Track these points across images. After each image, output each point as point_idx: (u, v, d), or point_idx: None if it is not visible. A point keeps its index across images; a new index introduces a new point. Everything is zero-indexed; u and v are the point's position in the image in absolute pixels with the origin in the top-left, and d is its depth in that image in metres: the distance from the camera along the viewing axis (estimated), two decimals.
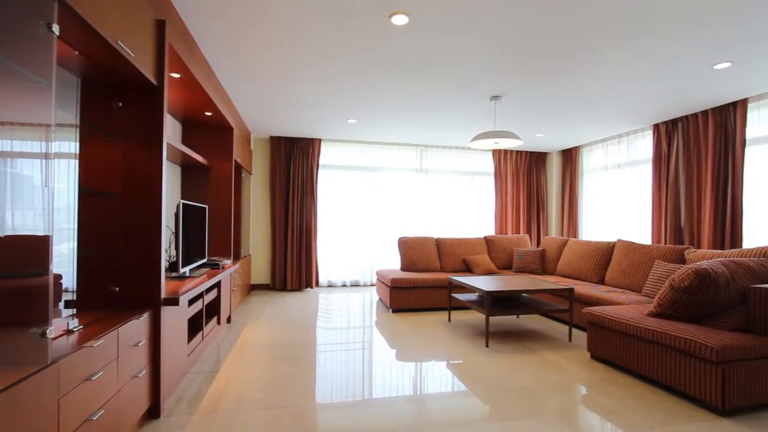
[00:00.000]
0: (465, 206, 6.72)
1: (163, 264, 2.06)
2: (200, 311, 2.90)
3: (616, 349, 2.73)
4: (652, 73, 3.34)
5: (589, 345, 2.98)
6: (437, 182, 6.59)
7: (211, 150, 3.90)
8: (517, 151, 6.82)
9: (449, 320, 4.14)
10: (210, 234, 3.91)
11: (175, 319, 2.27)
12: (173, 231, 3.26)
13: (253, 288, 5.98)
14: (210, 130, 3.89)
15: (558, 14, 2.43)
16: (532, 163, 6.88)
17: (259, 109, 4.53)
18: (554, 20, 2.50)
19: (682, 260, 3.47)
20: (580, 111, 4.48)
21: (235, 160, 4.23)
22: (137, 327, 1.83)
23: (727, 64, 3.14)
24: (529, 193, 6.86)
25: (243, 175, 4.85)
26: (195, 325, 2.92)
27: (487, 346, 3.28)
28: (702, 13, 2.40)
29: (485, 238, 5.56)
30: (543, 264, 5.16)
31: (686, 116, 4.53)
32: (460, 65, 3.23)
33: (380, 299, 5.16)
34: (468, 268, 5.16)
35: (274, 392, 2.36)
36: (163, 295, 2.04)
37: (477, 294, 4.01)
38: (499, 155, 6.76)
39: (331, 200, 6.24)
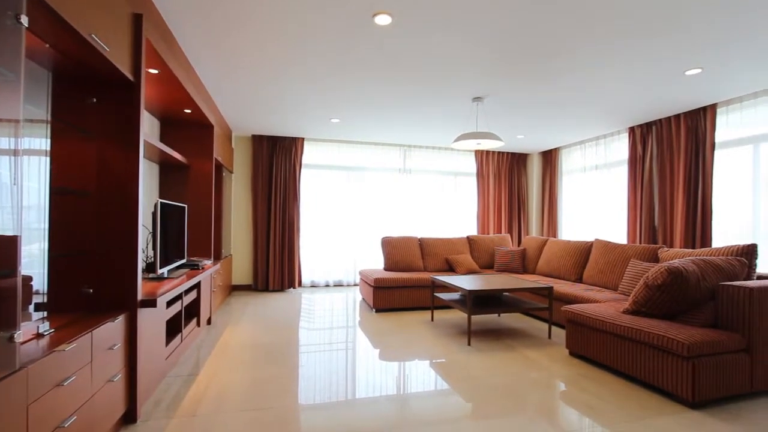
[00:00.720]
0: (448, 206, 6.78)
1: (140, 265, 2.00)
2: (179, 313, 2.83)
3: (594, 346, 2.80)
4: (628, 78, 3.44)
5: (567, 342, 3.05)
6: (420, 182, 6.63)
7: (190, 148, 3.81)
8: (499, 152, 6.92)
9: (432, 319, 4.17)
10: (189, 234, 3.83)
11: (152, 321, 2.21)
12: (151, 231, 3.18)
13: (235, 289, 5.88)
14: (190, 127, 3.81)
15: (538, 19, 2.48)
16: (514, 164, 6.99)
17: (241, 107, 4.46)
18: (535, 25, 2.55)
19: (656, 259, 3.58)
20: (559, 113, 4.58)
21: (216, 159, 4.15)
22: (112, 330, 1.77)
23: (698, 71, 3.26)
24: (511, 194, 6.97)
25: (224, 174, 4.76)
26: (174, 327, 2.85)
27: (469, 344, 3.32)
28: (674, 23, 2.48)
29: (468, 237, 5.62)
30: (524, 263, 5.25)
31: (660, 120, 4.69)
32: (443, 66, 3.25)
33: (363, 299, 5.15)
34: (451, 268, 5.21)
35: (256, 394, 2.33)
36: (139, 297, 1.99)
37: (459, 293, 4.05)
38: (482, 156, 6.84)
39: (314, 200, 6.20)
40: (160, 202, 2.58)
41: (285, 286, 5.84)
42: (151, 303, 2.00)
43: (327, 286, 6.23)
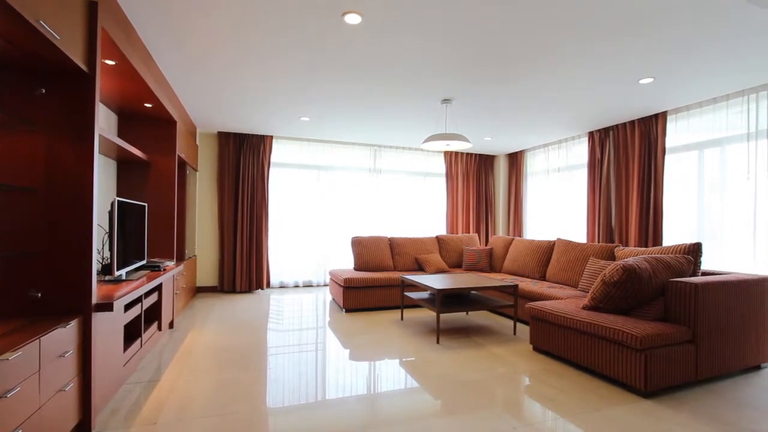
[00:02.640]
0: (418, 206, 6.85)
1: (95, 266, 1.90)
2: (138, 316, 2.70)
3: (556, 341, 2.92)
4: (587, 84, 3.61)
5: (531, 338, 3.16)
6: (391, 182, 6.66)
7: (151, 144, 3.65)
8: (468, 154, 7.07)
9: (402, 318, 4.20)
10: (150, 234, 3.66)
11: (108, 326, 2.10)
12: (107, 231, 3.01)
13: (199, 290, 5.68)
14: (151, 123, 3.64)
15: (503, 27, 2.55)
16: (481, 165, 7.16)
17: (206, 102, 4.30)
18: (500, 32, 2.63)
19: (613, 257, 3.78)
20: (524, 117, 4.74)
21: (179, 156, 3.99)
22: (64, 336, 1.67)
23: (650, 80, 3.47)
24: (479, 194, 7.14)
25: (188, 171, 4.58)
26: (132, 332, 2.72)
27: (438, 342, 3.37)
28: (628, 34, 2.63)
29: (437, 237, 5.71)
30: (491, 262, 5.39)
31: (616, 125, 4.95)
32: (413, 67, 3.28)
33: (333, 299, 5.12)
34: (420, 267, 5.27)
35: (222, 399, 2.26)
36: (94, 301, 1.88)
37: (429, 292, 4.10)
38: (451, 157, 6.96)
39: (283, 199, 6.09)
40: (118, 201, 2.45)
41: (253, 288, 5.70)
42: (107, 307, 1.90)
43: (296, 286, 6.14)
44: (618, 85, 3.63)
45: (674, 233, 4.37)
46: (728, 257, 3.89)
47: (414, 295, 3.95)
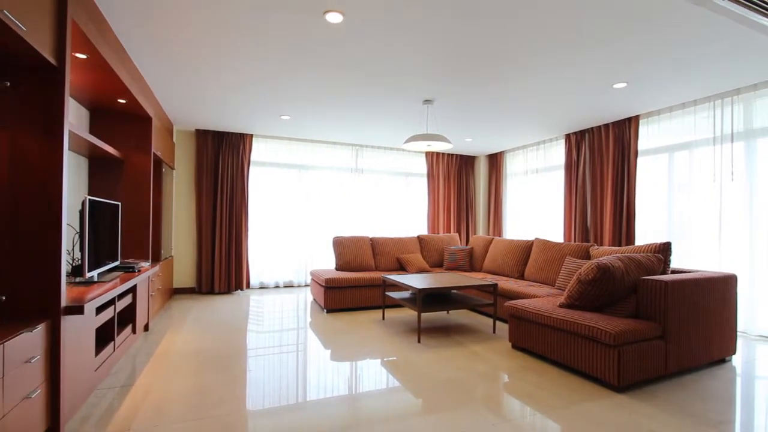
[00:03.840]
0: (399, 206, 6.87)
1: (64, 268, 1.82)
2: (111, 319, 2.61)
3: (534, 339, 2.98)
4: (564, 88, 3.70)
5: (510, 336, 3.22)
6: (372, 182, 6.66)
7: (125, 141, 3.54)
8: (449, 154, 7.14)
9: (383, 318, 4.21)
10: (124, 234, 3.55)
11: (79, 330, 2.02)
12: (78, 231, 2.90)
13: (176, 292, 5.54)
14: (125, 119, 3.53)
15: (484, 29, 2.59)
16: (462, 165, 7.25)
17: (183, 99, 4.20)
18: (481, 34, 2.66)
19: (588, 256, 3.89)
20: (504, 119, 4.82)
21: (155, 154, 3.88)
22: (30, 341, 1.60)
23: (623, 84, 3.59)
24: (459, 194, 7.22)
25: (164, 170, 4.46)
26: (105, 335, 2.63)
27: (419, 341, 3.39)
28: (601, 42, 2.71)
29: (418, 237, 5.74)
30: (471, 261, 5.46)
31: (592, 128, 5.10)
32: (395, 67, 3.29)
33: (314, 300, 5.08)
34: (402, 267, 5.29)
35: (199, 403, 2.21)
36: (63, 304, 1.81)
37: (410, 292, 4.12)
38: (432, 157, 7.02)
39: (263, 199, 6.00)
40: (89, 200, 2.37)
41: (232, 288, 5.60)
42: (77, 310, 1.83)
43: (277, 287, 6.07)
44: (593, 89, 3.74)
45: (646, 233, 4.53)
46: (696, 255, 4.06)
47: (395, 294, 3.96)
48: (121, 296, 2.84)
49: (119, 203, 3.13)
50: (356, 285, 4.56)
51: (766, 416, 2.12)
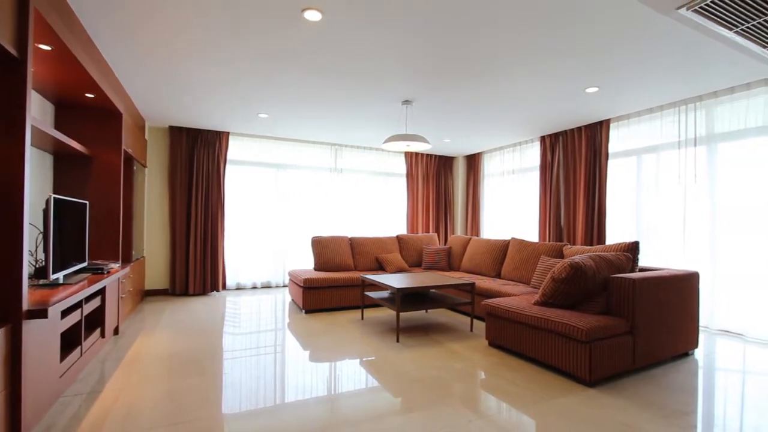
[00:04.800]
0: (378, 206, 6.88)
1: (26, 270, 1.74)
2: (78, 323, 2.51)
3: (510, 336, 3.05)
4: (540, 92, 3.80)
5: (487, 334, 3.28)
6: (352, 182, 6.64)
7: (94, 138, 3.40)
8: (428, 155, 7.20)
9: (362, 318, 4.21)
10: (93, 234, 3.41)
11: (43, 335, 1.93)
12: (41, 231, 2.77)
13: (149, 294, 5.36)
14: (93, 114, 3.39)
15: (462, 33, 2.63)
16: (441, 166, 7.32)
17: (156, 95, 4.06)
18: (459, 38, 2.70)
19: (562, 255, 4.00)
20: (482, 120, 4.90)
21: (125, 151, 3.75)
22: None
23: (595, 89, 3.71)
24: (438, 195, 7.29)
25: (135, 168, 4.31)
26: (71, 340, 2.52)
27: (398, 341, 3.40)
28: (575, 48, 2.80)
29: (397, 237, 5.76)
30: (449, 261, 5.52)
31: (566, 131, 5.25)
32: (374, 67, 3.29)
33: (293, 300, 5.02)
34: (381, 267, 5.29)
35: (173, 407, 2.15)
36: (25, 307, 1.72)
37: (389, 291, 4.14)
38: (411, 158, 7.06)
39: (240, 198, 5.88)
40: (54, 198, 2.27)
41: (207, 290, 5.46)
42: (40, 313, 1.75)
43: (254, 287, 5.96)
44: (567, 93, 3.85)
45: (616, 232, 4.70)
46: (662, 253, 4.24)
47: (374, 294, 3.96)
48: (88, 299, 2.73)
49: (87, 202, 3.01)
50: (335, 285, 4.53)
51: (725, 406, 2.24)
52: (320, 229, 6.40)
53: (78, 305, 2.49)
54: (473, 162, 7.12)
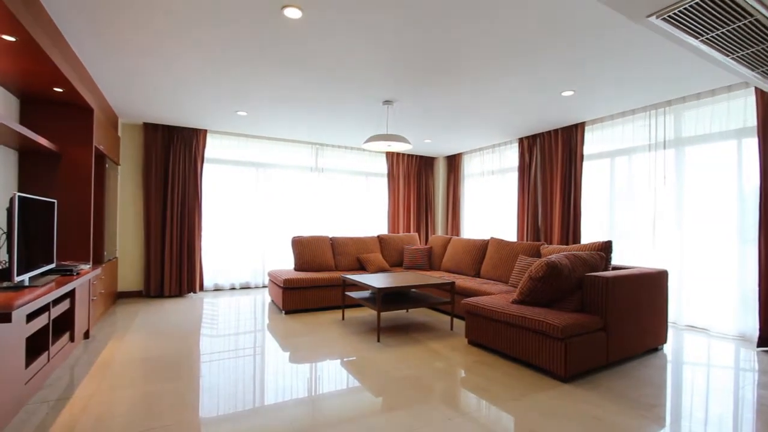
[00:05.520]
0: (360, 206, 6.87)
1: None
2: (45, 327, 2.40)
3: (488, 334, 3.10)
4: (517, 95, 3.88)
5: (466, 332, 3.32)
6: (333, 181, 6.60)
7: (63, 134, 3.27)
8: (409, 155, 7.23)
9: (343, 318, 4.19)
10: (62, 234, 3.28)
11: (6, 340, 1.84)
12: (5, 231, 2.64)
13: (122, 296, 5.19)
14: (62, 110, 3.26)
15: (443, 35, 2.65)
16: (422, 166, 7.37)
17: (129, 90, 3.93)
18: (439, 40, 2.72)
19: (539, 254, 4.10)
20: (462, 122, 4.96)
21: (97, 148, 3.62)
22: None
23: (571, 92, 3.81)
24: (419, 195, 7.34)
25: (107, 165, 4.16)
26: (38, 345, 2.41)
27: (378, 341, 3.41)
28: (552, 52, 2.87)
29: (378, 236, 5.77)
30: (430, 260, 5.57)
31: (543, 133, 5.37)
32: (355, 66, 3.29)
33: (273, 301, 4.96)
34: (362, 266, 5.29)
35: (147, 413, 2.08)
36: None
37: (370, 291, 4.14)
38: (392, 158, 7.08)
39: (218, 197, 5.76)
40: (18, 196, 2.17)
41: (184, 291, 5.33)
42: (3, 317, 1.67)
43: (233, 289, 5.85)
44: (544, 96, 3.94)
45: (591, 232, 4.84)
46: (634, 251, 4.40)
47: (355, 294, 3.96)
48: (57, 301, 2.62)
49: (55, 201, 2.89)
50: (316, 285, 4.50)
51: (692, 398, 2.34)
52: (301, 229, 6.34)
53: (45, 308, 2.38)
54: (454, 162, 7.20)
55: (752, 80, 2.54)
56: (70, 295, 2.86)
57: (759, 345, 3.26)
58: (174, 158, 5.30)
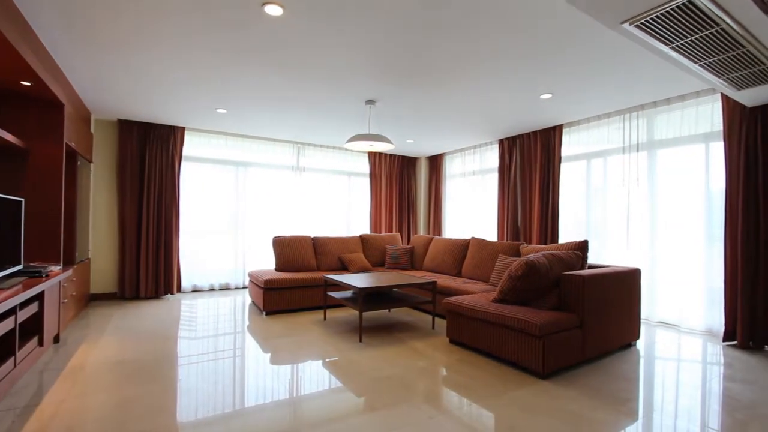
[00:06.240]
0: (342, 205, 6.84)
1: None
2: (12, 331, 2.30)
3: (469, 333, 3.14)
4: (497, 97, 3.94)
5: (448, 331, 3.36)
6: (315, 181, 6.56)
7: (31, 129, 3.13)
8: (391, 155, 7.25)
9: (325, 318, 4.17)
10: (29, 235, 3.14)
11: None
12: None
13: (95, 298, 5.01)
14: (30, 104, 3.13)
15: (425, 37, 2.67)
16: (404, 166, 7.40)
17: (103, 85, 3.80)
18: (421, 41, 2.74)
19: (518, 254, 4.17)
20: (443, 123, 5.00)
21: (68, 145, 3.48)
22: None
23: (549, 95, 3.90)
24: (401, 195, 7.37)
25: (79, 163, 4.01)
26: (3, 350, 2.30)
27: (360, 341, 3.40)
28: (532, 56, 2.93)
29: (360, 236, 5.76)
30: (412, 260, 5.60)
31: (522, 135, 5.48)
32: (337, 66, 3.27)
33: (253, 302, 4.88)
34: (344, 266, 5.27)
35: (121, 418, 2.02)
36: None
37: (352, 291, 4.13)
38: (375, 158, 7.08)
39: (197, 197, 5.63)
40: None
41: (160, 293, 5.19)
42: None
43: (212, 290, 5.74)
44: (523, 99, 4.02)
45: (568, 231, 4.97)
46: (609, 250, 4.54)
47: (337, 294, 3.94)
48: (24, 304, 2.51)
49: (22, 199, 2.77)
50: (297, 285, 4.46)
51: (663, 392, 2.43)
52: (282, 229, 6.27)
53: (11, 312, 2.28)
54: (435, 163, 7.26)
55: (718, 86, 2.66)
56: (39, 297, 2.74)
57: (724, 339, 3.41)
58: (150, 156, 5.15)
